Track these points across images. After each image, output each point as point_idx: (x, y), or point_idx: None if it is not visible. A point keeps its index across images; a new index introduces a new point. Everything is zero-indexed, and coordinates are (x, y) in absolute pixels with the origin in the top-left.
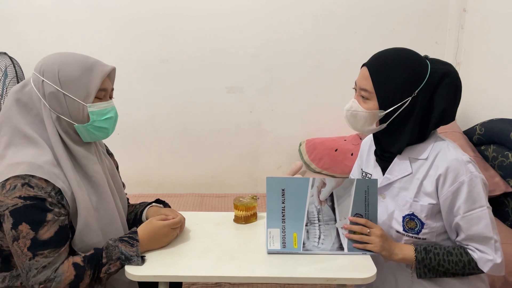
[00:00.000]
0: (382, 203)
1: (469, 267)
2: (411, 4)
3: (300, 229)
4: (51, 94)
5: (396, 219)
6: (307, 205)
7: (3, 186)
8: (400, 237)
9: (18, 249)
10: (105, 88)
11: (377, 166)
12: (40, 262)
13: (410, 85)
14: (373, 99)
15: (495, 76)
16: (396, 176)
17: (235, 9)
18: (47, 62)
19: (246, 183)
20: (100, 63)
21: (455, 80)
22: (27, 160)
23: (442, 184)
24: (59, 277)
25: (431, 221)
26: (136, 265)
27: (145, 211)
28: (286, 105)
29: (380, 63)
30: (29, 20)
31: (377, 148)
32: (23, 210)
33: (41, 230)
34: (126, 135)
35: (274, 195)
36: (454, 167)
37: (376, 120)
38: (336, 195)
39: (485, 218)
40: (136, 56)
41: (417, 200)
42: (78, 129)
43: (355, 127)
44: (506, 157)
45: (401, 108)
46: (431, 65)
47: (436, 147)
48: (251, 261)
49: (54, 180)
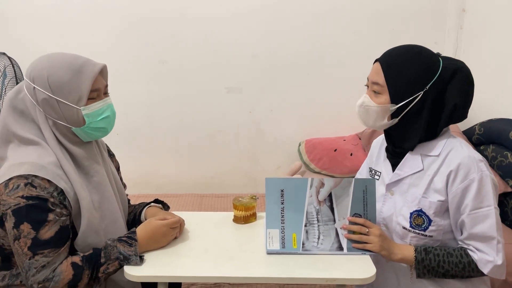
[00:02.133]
0: (390, 199)
1: (469, 268)
2: (410, 4)
3: (299, 229)
4: (44, 100)
5: (403, 215)
6: (306, 205)
7: (6, 185)
8: (406, 234)
9: (18, 248)
10: (97, 88)
11: (387, 163)
12: (40, 262)
13: (422, 80)
14: (385, 93)
15: (494, 76)
16: (407, 172)
17: (234, 10)
18: (36, 68)
19: (245, 184)
20: (90, 62)
21: (467, 76)
22: (30, 160)
23: (453, 180)
24: (57, 277)
25: (439, 219)
26: (134, 265)
27: (143, 211)
28: (286, 105)
29: (392, 58)
30: (28, 21)
31: (389, 145)
32: (25, 209)
33: (42, 230)
34: (125, 136)
35: (273, 196)
36: (466, 164)
37: (388, 114)
38: (335, 195)
39: (491, 218)
40: (136, 57)
41: (426, 196)
42: (76, 132)
43: (367, 123)
44: (505, 157)
45: (412, 103)
46: (443, 62)
47: (449, 144)
48: (250, 261)
49: (56, 181)
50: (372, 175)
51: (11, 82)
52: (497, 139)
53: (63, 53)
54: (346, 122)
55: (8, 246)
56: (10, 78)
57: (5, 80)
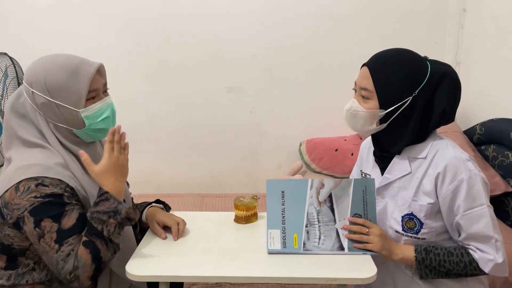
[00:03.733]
0: (381, 203)
1: (470, 267)
2: (411, 4)
3: (300, 230)
4: (43, 104)
5: (395, 219)
6: (307, 206)
7: (16, 189)
8: (399, 237)
9: (46, 245)
10: (95, 88)
11: (376, 167)
12: (65, 252)
13: (411, 85)
14: (373, 99)
15: (495, 76)
16: (396, 176)
17: (234, 9)
18: (33, 72)
19: (246, 183)
20: (86, 62)
21: (455, 80)
22: (38, 162)
23: (441, 182)
24: (80, 262)
25: (431, 221)
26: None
27: (145, 211)
28: (286, 105)
29: (381, 62)
30: (29, 21)
31: (375, 149)
32: (42, 207)
33: (63, 220)
34: (126, 135)
35: (274, 197)
36: (453, 165)
37: (376, 120)
38: (335, 195)
39: (485, 216)
40: (136, 56)
41: (416, 199)
42: (78, 133)
43: (355, 128)
44: (506, 157)
45: (401, 108)
46: (431, 66)
47: (434, 145)
48: (251, 261)
49: (67, 180)
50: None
51: (13, 82)
52: (498, 139)
53: (58, 55)
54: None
55: (17, 246)
56: (12, 78)
57: (7, 80)
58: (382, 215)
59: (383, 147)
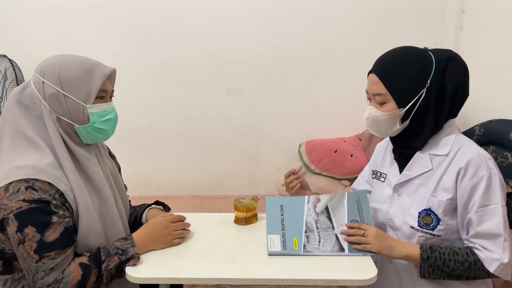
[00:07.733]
0: (397, 200)
1: (474, 267)
2: (410, 5)
3: (300, 234)
4: (51, 95)
5: (411, 214)
6: (305, 216)
7: (6, 189)
8: (414, 234)
9: (24, 252)
10: (105, 89)
11: (394, 164)
12: (47, 264)
13: (421, 77)
14: (390, 101)
15: (494, 77)
16: (416, 173)
17: (234, 12)
18: (48, 64)
19: (246, 185)
20: (101, 64)
21: (459, 61)
22: (29, 164)
23: (462, 177)
24: (66, 278)
25: (448, 218)
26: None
27: (144, 213)
28: (286, 106)
29: (385, 64)
30: (29, 23)
31: (396, 148)
32: (28, 213)
33: (47, 232)
34: (126, 137)
35: (273, 211)
36: (476, 161)
37: (398, 119)
38: (331, 207)
39: (498, 215)
40: (136, 59)
41: (435, 195)
42: (78, 130)
43: (379, 132)
44: (506, 158)
45: (419, 101)
46: (434, 54)
47: (457, 142)
48: (251, 262)
49: (57, 183)
50: (377, 177)
51: (12, 84)
52: (497, 140)
53: (76, 55)
54: (346, 123)
55: (9, 250)
56: (11, 80)
57: (6, 82)
58: (398, 212)
59: (405, 144)
